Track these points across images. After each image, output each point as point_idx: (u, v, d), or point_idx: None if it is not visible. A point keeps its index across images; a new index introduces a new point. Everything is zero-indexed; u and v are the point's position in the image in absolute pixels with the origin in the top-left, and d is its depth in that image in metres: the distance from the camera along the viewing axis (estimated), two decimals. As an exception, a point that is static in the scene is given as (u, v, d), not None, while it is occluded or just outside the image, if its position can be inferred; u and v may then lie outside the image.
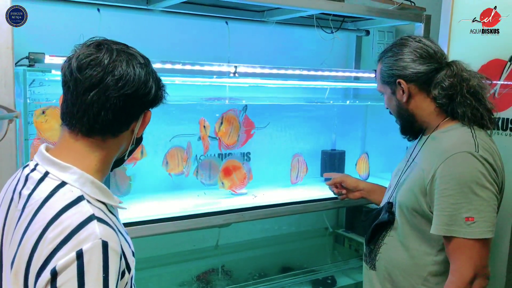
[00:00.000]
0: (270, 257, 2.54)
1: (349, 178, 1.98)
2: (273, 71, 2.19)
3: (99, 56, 0.97)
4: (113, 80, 0.96)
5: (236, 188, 2.12)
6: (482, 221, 1.35)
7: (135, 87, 0.98)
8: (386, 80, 1.59)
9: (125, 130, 1.02)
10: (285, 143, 2.54)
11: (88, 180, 0.97)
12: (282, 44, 2.49)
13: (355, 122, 2.76)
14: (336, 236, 2.81)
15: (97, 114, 0.96)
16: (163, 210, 1.86)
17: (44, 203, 0.91)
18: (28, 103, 1.55)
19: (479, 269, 1.36)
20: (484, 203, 1.36)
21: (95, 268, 0.84)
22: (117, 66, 0.97)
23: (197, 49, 2.24)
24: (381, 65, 1.61)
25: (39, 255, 0.86)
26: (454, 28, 2.09)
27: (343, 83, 2.62)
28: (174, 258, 2.31)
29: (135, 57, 1.01)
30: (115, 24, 1.96)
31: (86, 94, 0.96)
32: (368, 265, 1.64)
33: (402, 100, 1.55)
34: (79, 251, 0.84)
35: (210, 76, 2.04)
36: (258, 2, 1.90)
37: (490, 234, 1.36)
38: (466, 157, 1.39)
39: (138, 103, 1.00)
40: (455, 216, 1.37)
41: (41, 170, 0.97)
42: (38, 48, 1.64)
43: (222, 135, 2.12)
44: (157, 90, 1.04)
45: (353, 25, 2.58)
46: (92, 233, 0.86)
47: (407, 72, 1.51)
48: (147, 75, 1.01)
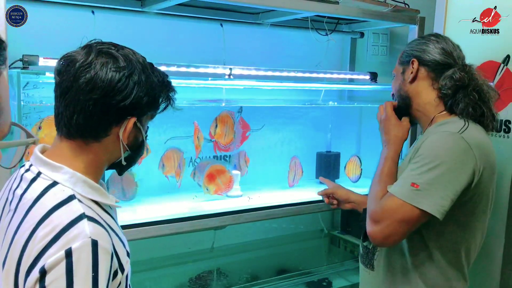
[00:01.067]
0: (266, 259, 2.54)
1: (340, 190, 1.98)
2: (268, 73, 2.20)
3: (76, 59, 0.96)
4: (83, 83, 0.94)
5: (222, 192, 2.11)
6: (426, 193, 1.34)
7: (104, 91, 0.94)
8: (402, 60, 1.62)
9: (104, 136, 0.99)
10: (280, 145, 2.54)
11: (80, 179, 0.96)
12: (277, 46, 2.49)
13: (350, 124, 2.77)
14: (331, 238, 2.81)
15: (70, 118, 0.96)
16: (158, 213, 1.86)
17: (35, 203, 0.91)
18: (22, 106, 1.55)
19: (391, 226, 1.36)
20: (438, 179, 1.34)
21: (84, 267, 0.84)
22: (90, 69, 0.94)
23: (192, 51, 2.23)
24: (405, 48, 1.64)
25: (29, 253, 0.86)
26: (449, 29, 2.10)
27: (338, 85, 2.63)
28: (169, 261, 2.31)
29: (116, 59, 0.97)
30: (109, 26, 1.95)
31: (62, 97, 0.96)
32: (365, 265, 1.64)
33: (407, 79, 1.57)
34: (68, 249, 0.84)
35: (205, 78, 2.04)
36: (253, 5, 1.90)
37: (428, 207, 1.33)
38: (444, 135, 1.41)
39: (111, 109, 0.96)
40: (405, 180, 1.38)
41: (34, 170, 0.98)
42: (32, 50, 1.63)
43: (218, 138, 2.12)
44: (141, 96, 0.98)
45: (348, 27, 2.59)
46: (82, 231, 0.86)
47: (425, 55, 1.55)
48: (124, 79, 0.96)
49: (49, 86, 1.65)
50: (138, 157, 1.11)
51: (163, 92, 1.06)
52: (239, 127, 2.21)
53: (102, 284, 0.86)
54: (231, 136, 2.16)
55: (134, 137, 1.04)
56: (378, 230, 1.39)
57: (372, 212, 1.44)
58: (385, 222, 1.38)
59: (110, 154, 1.03)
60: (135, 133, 1.04)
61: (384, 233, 1.38)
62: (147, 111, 1.04)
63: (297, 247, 2.68)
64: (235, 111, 2.19)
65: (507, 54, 1.94)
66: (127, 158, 1.05)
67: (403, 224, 1.36)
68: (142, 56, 1.04)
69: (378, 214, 1.40)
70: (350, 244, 2.69)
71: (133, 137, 1.04)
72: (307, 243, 2.76)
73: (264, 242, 2.59)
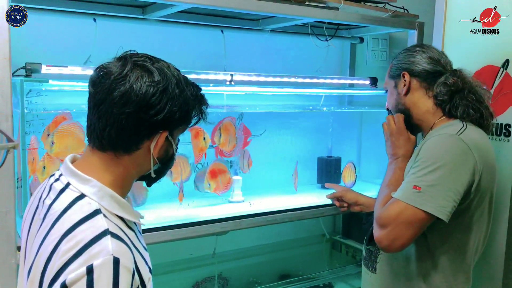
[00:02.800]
0: (268, 265, 2.54)
1: (349, 193, 2.00)
2: (268, 79, 2.20)
3: (111, 71, 0.96)
4: (117, 96, 0.94)
5: (220, 192, 2.13)
6: (428, 195, 1.35)
7: (138, 106, 0.94)
8: (392, 74, 1.65)
9: (135, 149, 0.99)
10: (281, 151, 2.55)
11: (107, 194, 0.96)
12: (277, 52, 2.50)
13: (350, 128, 2.78)
14: (333, 242, 2.82)
15: (103, 130, 0.96)
16: (160, 219, 1.86)
17: (62, 215, 0.92)
18: (26, 113, 1.56)
19: (396, 229, 1.37)
20: (439, 180, 1.36)
21: (104, 285, 0.84)
22: (124, 82, 0.94)
23: (193, 58, 2.25)
24: (392, 62, 1.68)
25: (52, 266, 0.86)
26: (448, 31, 2.10)
27: (338, 90, 2.64)
28: (170, 267, 2.30)
29: (151, 73, 0.96)
30: (111, 34, 1.96)
31: (95, 108, 0.96)
32: (367, 268, 1.65)
33: (401, 93, 1.60)
34: (89, 266, 0.83)
35: (207, 84, 2.05)
36: (253, 11, 1.91)
37: (431, 209, 1.34)
38: (443, 137, 1.43)
39: (144, 123, 0.96)
40: (407, 183, 1.40)
41: (63, 180, 0.98)
42: (34, 58, 1.64)
43: (222, 146, 2.14)
44: (174, 111, 0.98)
45: (347, 33, 2.61)
46: (104, 248, 0.86)
47: (414, 67, 1.58)
48: (158, 93, 0.95)
49: (52, 94, 1.66)
50: (167, 170, 1.11)
51: (196, 106, 1.06)
52: (241, 133, 2.22)
53: None
54: (234, 143, 2.17)
55: (165, 151, 1.04)
56: (384, 234, 1.40)
57: (377, 218, 1.45)
58: (390, 226, 1.39)
59: (140, 167, 1.03)
60: (166, 147, 1.03)
61: (390, 237, 1.39)
62: (179, 125, 1.04)
63: (298, 252, 2.68)
64: (236, 117, 2.20)
65: (507, 59, 1.95)
66: (156, 170, 1.05)
67: (408, 227, 1.37)
68: (176, 69, 1.04)
69: (383, 218, 1.41)
70: (352, 249, 2.69)
71: (164, 150, 1.04)
72: (308, 248, 2.75)
73: (266, 248, 2.59)
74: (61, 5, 1.84)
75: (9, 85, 1.41)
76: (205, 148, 2.07)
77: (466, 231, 1.47)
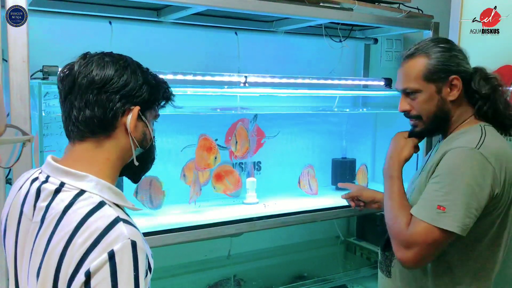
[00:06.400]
0: (282, 266, 2.53)
1: (365, 192, 1.97)
2: (282, 81, 2.20)
3: (74, 65, 1.01)
4: (83, 79, 0.99)
5: (231, 192, 2.14)
6: (452, 214, 1.33)
7: (103, 81, 0.99)
8: (432, 77, 1.46)
9: (113, 128, 1.01)
10: (295, 152, 2.54)
11: (105, 186, 0.98)
12: (291, 53, 2.50)
13: (364, 130, 2.76)
14: (347, 244, 2.80)
15: (77, 116, 0.99)
16: (175, 220, 1.87)
17: (66, 211, 0.93)
18: (43, 116, 1.57)
19: (424, 250, 1.35)
20: (462, 198, 1.33)
21: (127, 267, 0.87)
22: (87, 68, 1.00)
23: (207, 60, 2.26)
24: (418, 61, 1.48)
25: (69, 261, 0.87)
26: (464, 34, 2.08)
27: (352, 91, 2.63)
28: (185, 269, 2.32)
29: (111, 55, 1.03)
30: (126, 37, 1.98)
31: (66, 100, 1.01)
32: (383, 272, 1.64)
33: (448, 97, 1.47)
34: (110, 252, 0.86)
35: (221, 86, 2.06)
36: (267, 13, 1.91)
37: (457, 229, 1.32)
38: (462, 152, 1.38)
39: (113, 96, 1.00)
40: (430, 202, 1.37)
41: (54, 181, 0.98)
42: (51, 61, 1.67)
43: (238, 152, 2.16)
44: (140, 84, 1.03)
45: (361, 34, 2.60)
46: (121, 234, 0.88)
47: (459, 68, 1.47)
48: (121, 69, 1.01)
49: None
50: (150, 160, 1.13)
51: (161, 86, 1.09)
52: (254, 134, 2.22)
53: (142, 282, 0.89)
54: (247, 145, 2.19)
55: (142, 133, 1.06)
56: (411, 255, 1.38)
57: (401, 239, 1.41)
58: (417, 247, 1.37)
59: (122, 151, 1.04)
60: (142, 128, 1.06)
61: (417, 258, 1.37)
62: (149, 104, 1.06)
63: (313, 254, 2.67)
64: (250, 118, 2.21)
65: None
66: (139, 158, 1.07)
67: (435, 247, 1.36)
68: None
69: (408, 240, 1.38)
70: (366, 251, 2.68)
71: (141, 132, 1.06)
72: (323, 250, 2.75)
73: (281, 249, 2.59)
74: (77, 9, 1.86)
75: (27, 87, 1.43)
76: (211, 166, 2.09)
77: (487, 246, 1.45)
